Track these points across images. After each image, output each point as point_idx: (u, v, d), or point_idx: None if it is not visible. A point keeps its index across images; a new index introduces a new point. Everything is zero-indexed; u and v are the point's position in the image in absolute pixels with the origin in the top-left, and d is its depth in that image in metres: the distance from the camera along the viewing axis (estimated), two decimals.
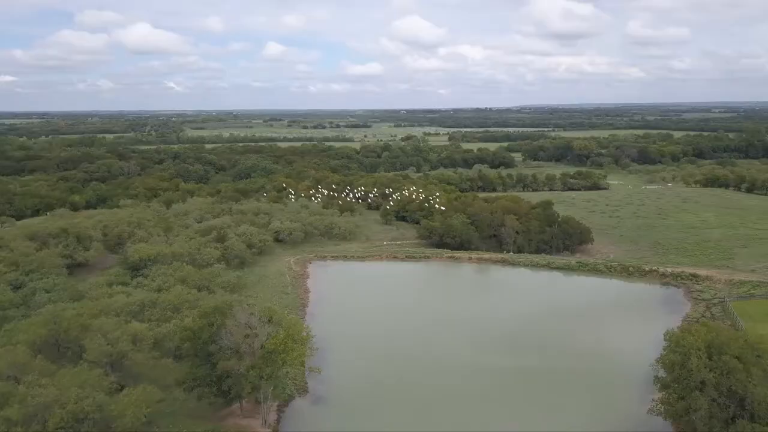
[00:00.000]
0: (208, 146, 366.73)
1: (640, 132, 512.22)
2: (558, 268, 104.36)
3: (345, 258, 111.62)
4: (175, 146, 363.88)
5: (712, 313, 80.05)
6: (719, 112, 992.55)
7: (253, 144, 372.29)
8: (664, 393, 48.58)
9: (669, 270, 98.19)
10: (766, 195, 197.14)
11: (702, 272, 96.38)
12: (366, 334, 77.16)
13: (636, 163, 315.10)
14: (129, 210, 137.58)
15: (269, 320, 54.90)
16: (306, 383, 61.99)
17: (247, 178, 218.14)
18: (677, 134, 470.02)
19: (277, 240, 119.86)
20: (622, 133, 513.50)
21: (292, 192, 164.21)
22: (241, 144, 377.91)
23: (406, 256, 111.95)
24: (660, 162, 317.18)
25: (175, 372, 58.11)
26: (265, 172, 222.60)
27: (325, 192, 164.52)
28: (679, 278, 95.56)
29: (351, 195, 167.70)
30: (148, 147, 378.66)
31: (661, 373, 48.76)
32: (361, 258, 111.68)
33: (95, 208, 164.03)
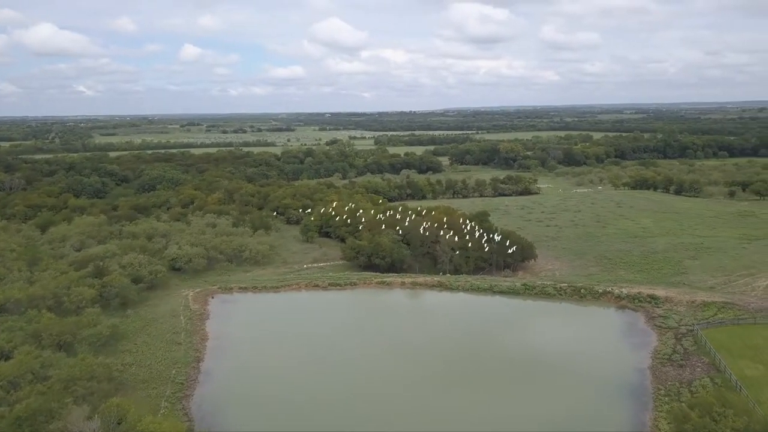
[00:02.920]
0: (113, 154, 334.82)
1: (562, 133, 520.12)
2: (502, 292, 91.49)
3: (255, 289, 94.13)
4: (75, 155, 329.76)
5: (683, 346, 68.98)
6: (631, 113, 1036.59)
7: (162, 151, 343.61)
8: None
9: (624, 291, 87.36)
10: (695, 197, 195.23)
11: (660, 293, 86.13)
12: (278, 394, 60.59)
13: (562, 164, 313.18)
14: None
15: (119, 423, 37.76)
16: None
17: (151, 191, 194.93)
18: (596, 135, 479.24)
19: (174, 269, 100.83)
20: (544, 134, 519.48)
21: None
22: (150, 151, 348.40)
23: (329, 284, 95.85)
24: (585, 163, 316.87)
25: None
26: (172, 184, 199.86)
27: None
28: (636, 300, 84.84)
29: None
30: (47, 156, 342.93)
31: None
32: (276, 288, 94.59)
33: None
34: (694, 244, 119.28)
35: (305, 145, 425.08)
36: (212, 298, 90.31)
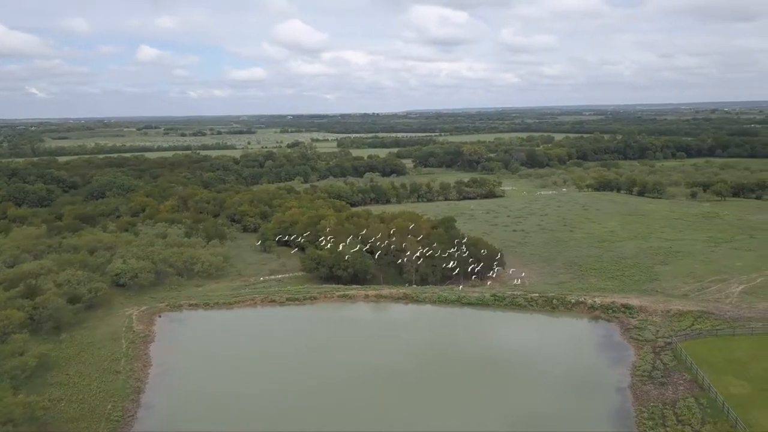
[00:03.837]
0: (63, 159, 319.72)
1: (524, 135, 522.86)
2: (470, 304, 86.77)
3: (207, 306, 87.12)
4: (21, 160, 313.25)
5: (662, 361, 65.30)
6: (590, 114, 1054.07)
7: (115, 156, 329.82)
8: None
9: (597, 301, 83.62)
10: (658, 198, 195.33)
11: (634, 302, 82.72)
12: (230, 430, 54.36)
13: (525, 166, 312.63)
14: None
15: None
16: None
17: (101, 199, 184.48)
18: (557, 136, 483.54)
19: (118, 285, 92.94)
20: (506, 136, 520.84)
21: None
22: (102, 156, 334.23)
23: (286, 299, 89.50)
24: (548, 165, 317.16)
25: None
26: (123, 191, 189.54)
27: None
28: (610, 311, 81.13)
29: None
30: None
31: None
32: (229, 304, 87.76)
33: None
34: (663, 248, 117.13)
35: (266, 147, 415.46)
36: (159, 317, 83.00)
